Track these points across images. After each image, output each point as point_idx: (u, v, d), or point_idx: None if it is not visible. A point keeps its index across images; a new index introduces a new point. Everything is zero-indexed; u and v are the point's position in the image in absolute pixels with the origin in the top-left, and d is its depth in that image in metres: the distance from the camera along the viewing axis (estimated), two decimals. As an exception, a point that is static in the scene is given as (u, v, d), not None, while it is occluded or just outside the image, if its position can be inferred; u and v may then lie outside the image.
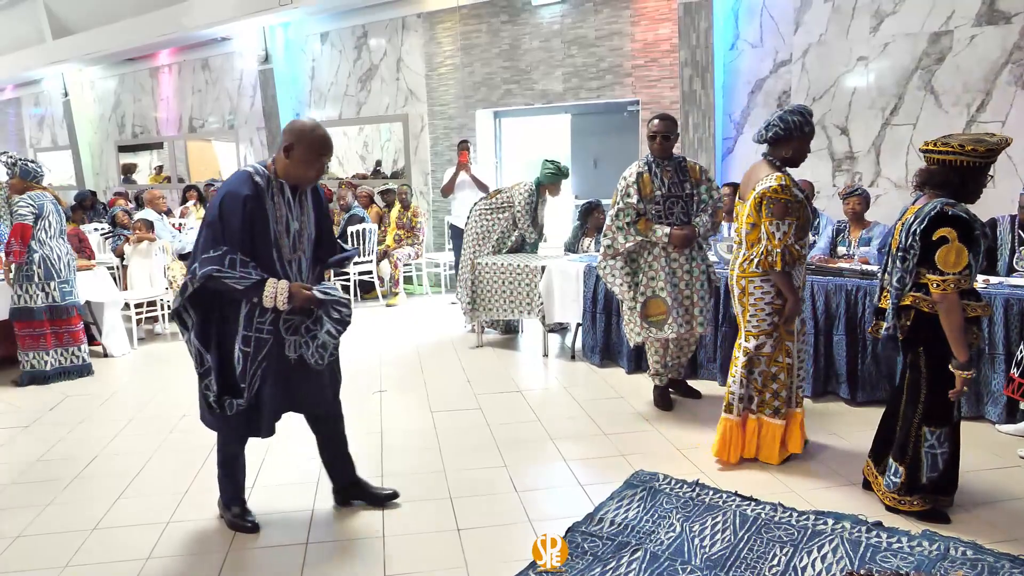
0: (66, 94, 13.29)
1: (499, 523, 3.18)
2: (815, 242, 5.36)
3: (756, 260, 3.44)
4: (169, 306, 6.88)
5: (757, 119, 6.57)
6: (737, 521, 3.06)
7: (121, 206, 7.89)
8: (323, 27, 9.74)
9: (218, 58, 11.23)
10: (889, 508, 3.12)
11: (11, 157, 5.53)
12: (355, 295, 8.23)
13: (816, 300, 4.54)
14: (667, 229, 4.22)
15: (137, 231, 6.86)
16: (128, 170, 13.58)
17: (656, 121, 4.30)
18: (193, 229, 8.42)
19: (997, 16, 5.44)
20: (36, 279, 5.40)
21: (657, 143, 4.27)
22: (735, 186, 5.74)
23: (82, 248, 6.36)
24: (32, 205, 5.34)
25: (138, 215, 7.56)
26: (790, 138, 3.42)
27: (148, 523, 3.25)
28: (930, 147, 2.91)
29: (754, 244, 3.46)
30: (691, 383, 4.83)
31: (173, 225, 8.28)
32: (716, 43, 6.56)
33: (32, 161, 5.58)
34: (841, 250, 5.26)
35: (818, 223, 5.50)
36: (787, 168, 3.46)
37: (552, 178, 6.12)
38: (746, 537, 2.94)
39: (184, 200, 9.94)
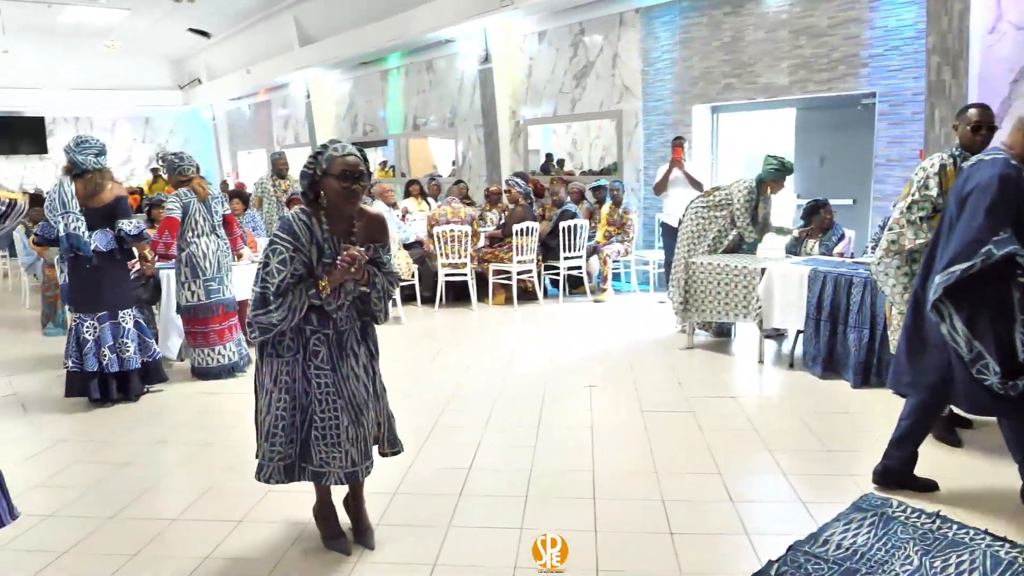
0: (308, 96, 14.63)
1: (714, 531, 3.08)
2: None
3: None
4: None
5: (1018, 111, 5.83)
6: (988, 563, 2.74)
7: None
8: (541, 26, 9.95)
9: (441, 60, 11.83)
10: None
11: (160, 154, 5.65)
12: (564, 290, 8.35)
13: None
14: None
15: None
16: (357, 165, 14.73)
17: (975, 110, 3.88)
18: (416, 220, 8.96)
19: None
20: (183, 278, 5.34)
21: (981, 135, 3.83)
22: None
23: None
24: (179, 201, 5.27)
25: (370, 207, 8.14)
26: None
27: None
28: None
29: None
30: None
31: (399, 217, 8.84)
32: (972, 26, 5.89)
33: (176, 155, 5.45)
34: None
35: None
36: None
37: (775, 174, 5.83)
38: (999, 582, 2.62)
39: (407, 194, 10.60)
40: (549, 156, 10.76)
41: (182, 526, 3.24)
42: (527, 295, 8.23)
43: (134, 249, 5.11)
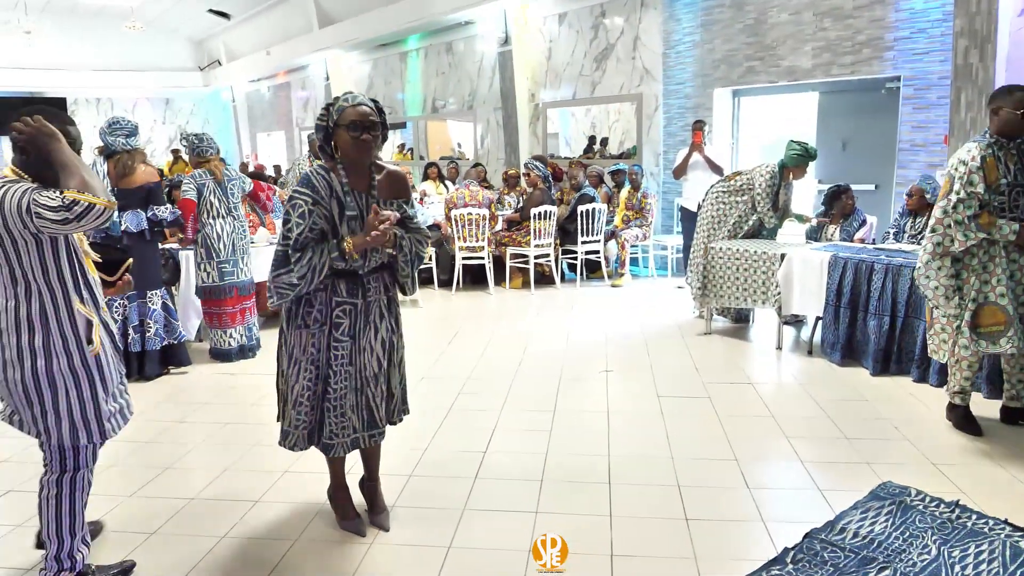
0: (327, 78, 14.61)
1: (730, 518, 3.07)
2: None
3: None
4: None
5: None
6: (1008, 553, 2.71)
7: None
8: (562, 8, 9.86)
9: (461, 42, 11.77)
10: None
11: (184, 135, 5.63)
12: (581, 274, 8.32)
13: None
14: (1015, 226, 3.57)
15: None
16: (376, 148, 14.75)
17: (1022, 94, 3.62)
18: (434, 204, 8.95)
19: None
20: (200, 258, 5.41)
21: (1022, 117, 3.59)
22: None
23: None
24: (193, 183, 5.32)
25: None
26: None
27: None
28: None
29: None
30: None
31: (416, 200, 8.85)
32: (1001, 8, 5.76)
33: (196, 136, 5.47)
34: None
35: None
36: None
37: (798, 160, 5.75)
38: (1019, 574, 2.59)
39: (425, 177, 10.59)
40: (592, 138, 10.60)
41: (200, 505, 3.27)
42: (544, 279, 8.21)
43: (165, 230, 5.18)
